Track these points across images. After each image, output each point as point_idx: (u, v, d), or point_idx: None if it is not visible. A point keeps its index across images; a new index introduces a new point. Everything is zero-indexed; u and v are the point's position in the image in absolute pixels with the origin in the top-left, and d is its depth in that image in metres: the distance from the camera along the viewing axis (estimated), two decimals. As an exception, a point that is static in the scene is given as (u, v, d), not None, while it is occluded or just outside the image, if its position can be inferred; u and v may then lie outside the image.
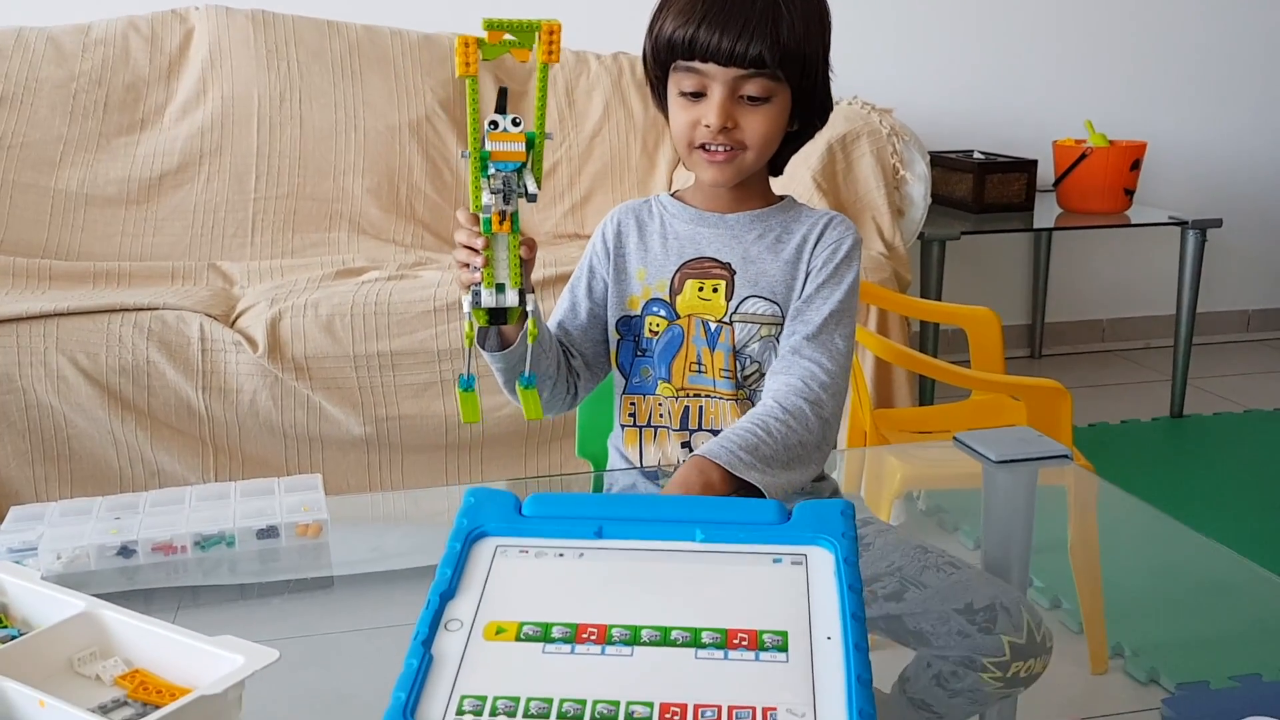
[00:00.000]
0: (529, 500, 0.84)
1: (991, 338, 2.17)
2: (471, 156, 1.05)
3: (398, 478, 2.23)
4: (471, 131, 1.04)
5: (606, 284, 1.34)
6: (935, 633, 0.97)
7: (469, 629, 0.72)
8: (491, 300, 1.11)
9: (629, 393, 1.32)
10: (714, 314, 1.27)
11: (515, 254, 1.11)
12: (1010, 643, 0.94)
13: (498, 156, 1.05)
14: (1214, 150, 3.81)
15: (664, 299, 1.29)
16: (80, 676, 0.85)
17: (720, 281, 1.28)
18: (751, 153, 1.24)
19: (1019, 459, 1.28)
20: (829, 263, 1.27)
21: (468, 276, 1.12)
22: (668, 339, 1.28)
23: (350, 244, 2.75)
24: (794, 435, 1.15)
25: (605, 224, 1.36)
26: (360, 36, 2.91)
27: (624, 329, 1.31)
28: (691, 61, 1.20)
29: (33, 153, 2.67)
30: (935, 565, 1.07)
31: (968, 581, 1.05)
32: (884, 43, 3.47)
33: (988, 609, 0.98)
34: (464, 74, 1.01)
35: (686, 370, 1.28)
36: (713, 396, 1.28)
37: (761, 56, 1.17)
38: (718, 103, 1.20)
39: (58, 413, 2.09)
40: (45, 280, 2.45)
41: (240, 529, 1.10)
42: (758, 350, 1.27)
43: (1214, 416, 3.27)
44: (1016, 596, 1.02)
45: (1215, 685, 1.00)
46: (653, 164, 3.00)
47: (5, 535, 1.09)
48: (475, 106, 1.04)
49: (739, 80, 1.20)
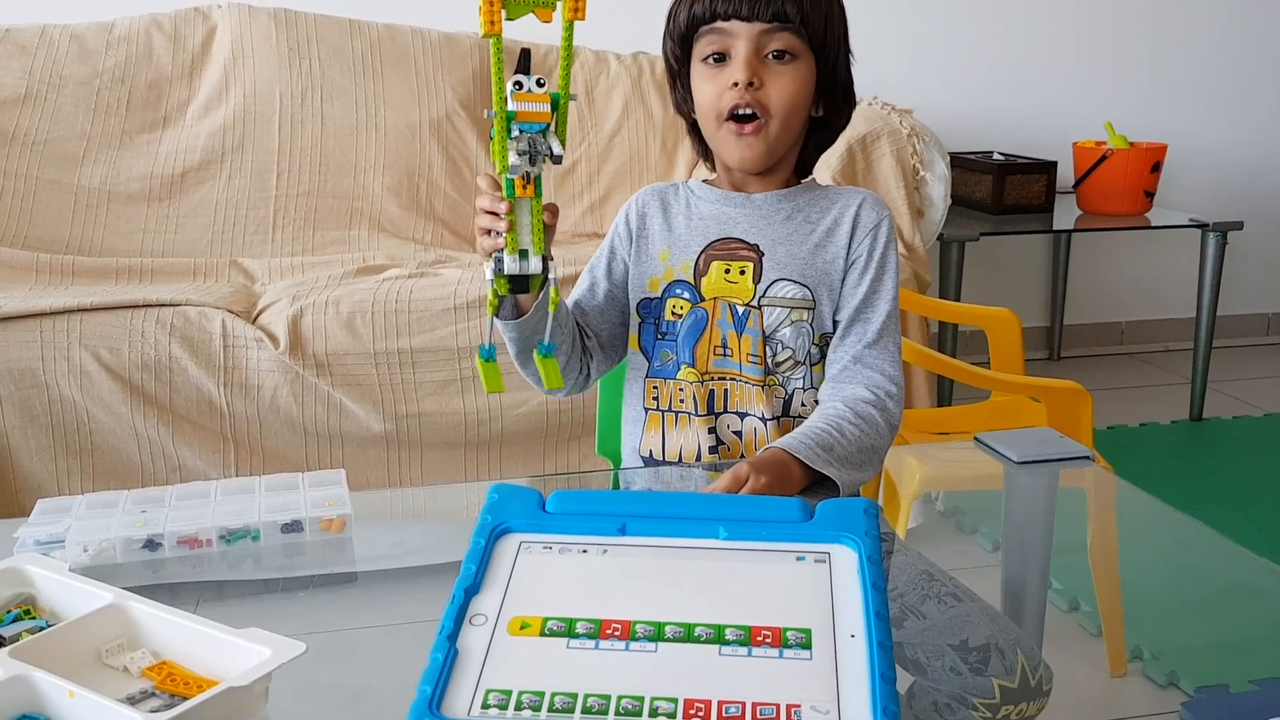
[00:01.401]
0: (553, 497, 0.85)
1: (1011, 339, 2.16)
2: (497, 116, 1.03)
3: (417, 474, 2.24)
4: (496, 91, 1.02)
5: (626, 265, 1.33)
6: (930, 665, 0.96)
7: (494, 624, 0.73)
8: (515, 267, 1.09)
9: (651, 376, 1.31)
10: (741, 297, 1.27)
11: (539, 218, 1.09)
12: (1001, 686, 0.92)
13: (523, 117, 1.03)
14: (1235, 152, 3.79)
15: (688, 280, 1.28)
16: (108, 668, 0.86)
17: (747, 264, 1.27)
18: (777, 121, 1.23)
19: (1041, 460, 1.28)
20: (873, 252, 1.28)
21: (490, 243, 1.10)
22: (691, 322, 1.27)
23: (370, 241, 2.76)
24: (866, 439, 1.19)
25: (629, 205, 1.36)
26: (381, 35, 2.92)
27: (644, 311, 1.31)
28: (714, 23, 1.21)
29: (56, 149, 2.69)
30: (938, 595, 1.05)
31: (966, 617, 1.04)
32: (904, 44, 3.46)
33: (982, 649, 0.97)
34: (489, 33, 1.00)
35: (711, 354, 1.27)
36: (739, 380, 1.27)
37: (785, 10, 1.19)
38: (744, 58, 1.21)
39: (80, 407, 2.11)
40: (68, 276, 2.48)
41: (265, 523, 1.11)
42: (789, 336, 1.26)
43: (1233, 420, 3.26)
44: (1014, 637, 1.01)
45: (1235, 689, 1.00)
46: (671, 163, 3.01)
47: (32, 528, 1.10)
48: (500, 65, 1.02)
49: (764, 36, 1.20)
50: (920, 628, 1.00)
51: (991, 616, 1.05)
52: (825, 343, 1.30)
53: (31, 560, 0.96)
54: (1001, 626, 1.03)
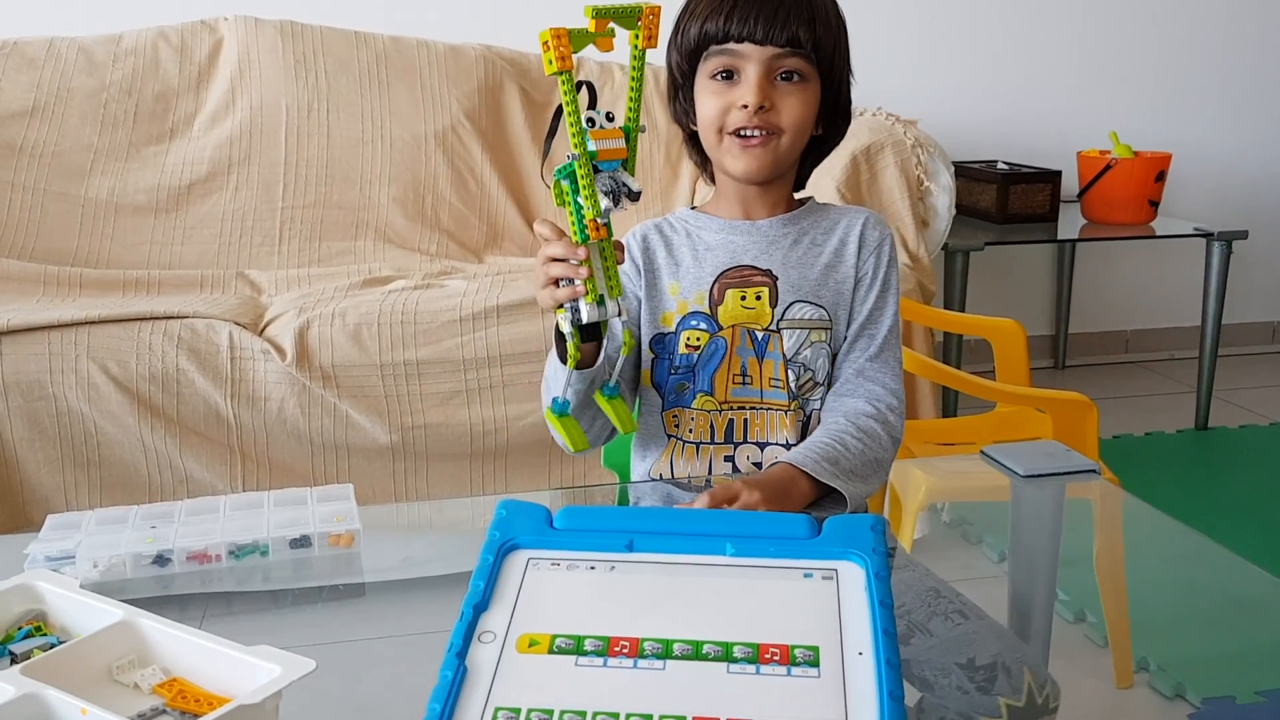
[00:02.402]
0: (560, 513, 0.85)
1: (1016, 349, 2.16)
2: (581, 159, 0.99)
3: (423, 486, 2.24)
4: (575, 132, 0.98)
5: (640, 301, 1.31)
6: (937, 683, 0.96)
7: (502, 641, 0.73)
8: (595, 314, 1.04)
9: (669, 408, 1.30)
10: (760, 322, 1.26)
11: (613, 261, 1.05)
12: (1007, 705, 0.92)
13: (604, 155, 1.00)
14: (1239, 161, 3.79)
15: (704, 311, 1.27)
16: (119, 685, 0.86)
17: (763, 289, 1.27)
18: (787, 137, 1.23)
19: (1047, 474, 1.28)
20: (878, 270, 1.29)
21: (565, 293, 1.06)
22: (710, 351, 1.27)
23: (376, 253, 2.77)
24: (870, 452, 1.20)
25: (628, 241, 1.32)
26: (387, 47, 2.93)
27: (657, 347, 1.29)
28: (726, 44, 1.20)
29: (64, 161, 2.71)
30: (944, 613, 1.05)
31: (973, 635, 1.03)
32: (908, 54, 3.47)
33: (989, 667, 0.96)
34: (560, 69, 0.95)
35: (730, 383, 1.27)
36: (759, 408, 1.27)
37: (798, 36, 1.19)
38: (755, 81, 1.20)
39: (88, 420, 2.11)
40: (76, 288, 2.48)
41: (274, 538, 1.11)
42: (809, 357, 1.27)
43: (1239, 429, 3.25)
44: (1021, 655, 1.01)
45: (1241, 700, 1.00)
46: (676, 174, 3.01)
47: (43, 544, 1.10)
48: (575, 104, 0.98)
49: (775, 59, 1.20)
50: (927, 645, 1.00)
51: (998, 634, 1.05)
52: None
53: (42, 576, 0.97)
54: (1008, 644, 1.03)
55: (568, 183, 1.04)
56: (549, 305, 1.10)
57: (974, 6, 3.53)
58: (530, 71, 3.03)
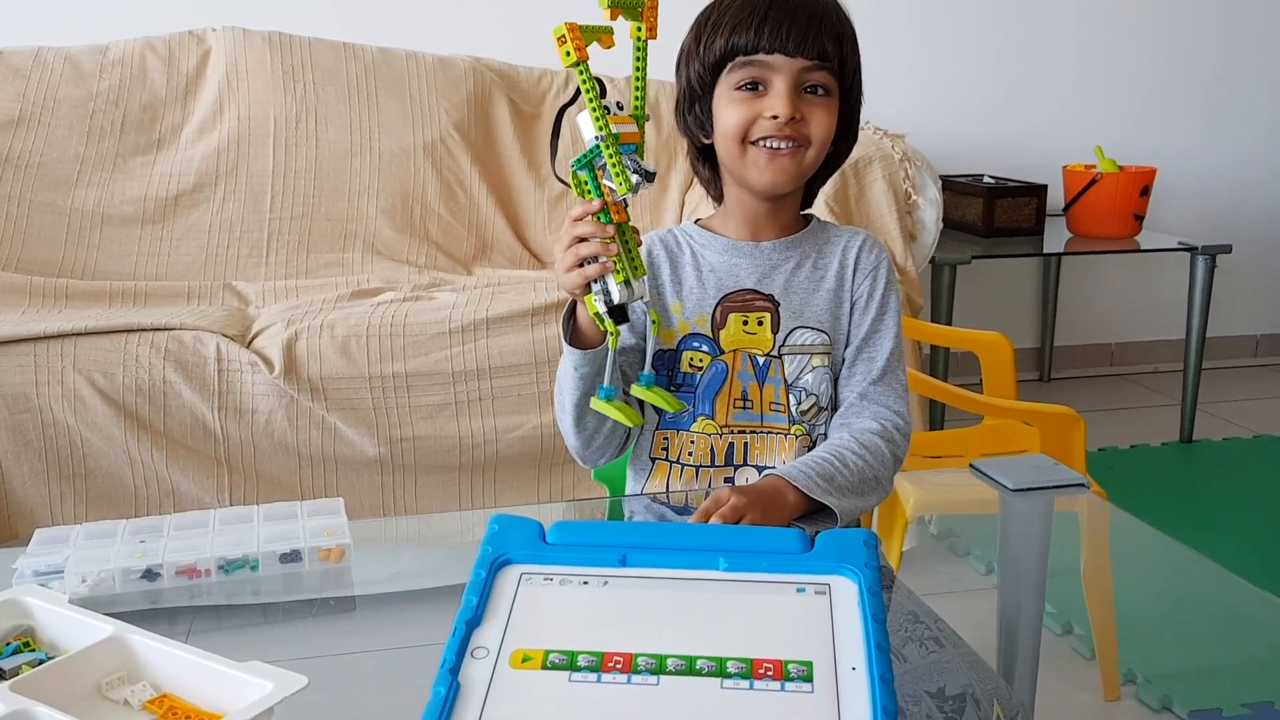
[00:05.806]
0: (553, 528, 0.85)
1: (1003, 362, 2.17)
2: (607, 140, 1.03)
3: (411, 499, 2.24)
4: (597, 114, 1.03)
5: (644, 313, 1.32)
6: (907, 710, 0.96)
7: (495, 657, 0.73)
8: (625, 294, 1.07)
9: (662, 428, 1.30)
10: (761, 347, 1.27)
11: (634, 243, 1.09)
12: None
13: (625, 139, 1.04)
14: (1223, 176, 3.82)
15: (705, 334, 1.27)
16: (109, 701, 0.86)
17: (765, 314, 1.27)
18: (813, 150, 1.23)
19: (1035, 487, 1.29)
20: (874, 293, 1.29)
21: (596, 269, 1.08)
22: (711, 374, 1.26)
23: (364, 265, 2.76)
24: (869, 469, 1.19)
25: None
26: (376, 58, 2.93)
27: (658, 364, 1.28)
28: (755, 55, 1.20)
29: (50, 172, 2.69)
30: (920, 639, 1.05)
31: (946, 664, 1.02)
32: (896, 68, 3.49)
33: (958, 698, 0.96)
34: (579, 59, 1.01)
35: (731, 407, 1.27)
36: (760, 432, 1.27)
37: (826, 50, 1.20)
38: (785, 93, 1.20)
39: (74, 432, 2.10)
40: (62, 299, 2.47)
41: (264, 553, 1.11)
42: (812, 382, 1.27)
43: (1223, 442, 3.27)
44: (992, 687, 1.00)
45: (1228, 713, 1.01)
46: (665, 187, 3.02)
47: (31, 558, 1.10)
48: (594, 91, 1.03)
49: (804, 72, 1.20)
50: (900, 671, 1.00)
51: (971, 663, 1.04)
52: None
53: (30, 591, 0.96)
54: (980, 674, 1.02)
55: (586, 173, 1.09)
56: (578, 285, 1.11)
57: (961, 22, 3.55)
58: (519, 83, 3.04)
